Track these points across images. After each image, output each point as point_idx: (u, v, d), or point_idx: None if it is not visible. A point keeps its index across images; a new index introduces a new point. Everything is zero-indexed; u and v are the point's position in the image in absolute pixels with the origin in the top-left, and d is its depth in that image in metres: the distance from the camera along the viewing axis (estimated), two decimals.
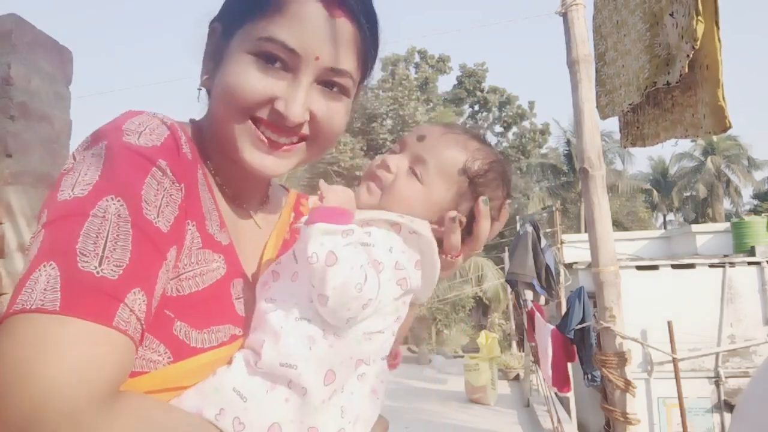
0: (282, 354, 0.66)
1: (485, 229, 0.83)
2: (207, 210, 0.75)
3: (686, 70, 2.05)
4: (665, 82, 2.22)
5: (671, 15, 2.15)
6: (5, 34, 2.34)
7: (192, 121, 0.85)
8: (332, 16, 0.73)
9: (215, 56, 0.80)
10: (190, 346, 0.66)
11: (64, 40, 2.63)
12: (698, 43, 1.95)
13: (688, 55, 2.01)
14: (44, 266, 0.55)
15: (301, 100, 0.73)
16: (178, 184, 0.67)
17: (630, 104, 2.61)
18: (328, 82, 0.76)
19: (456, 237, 0.80)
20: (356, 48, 0.77)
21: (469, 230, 0.83)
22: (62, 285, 0.54)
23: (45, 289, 0.53)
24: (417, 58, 26.86)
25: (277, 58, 0.73)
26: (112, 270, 0.57)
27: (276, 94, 0.73)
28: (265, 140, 0.75)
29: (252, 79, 0.73)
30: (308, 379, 0.66)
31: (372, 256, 0.70)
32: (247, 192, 0.86)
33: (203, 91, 0.84)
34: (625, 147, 2.95)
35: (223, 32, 0.79)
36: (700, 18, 1.94)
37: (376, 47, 0.83)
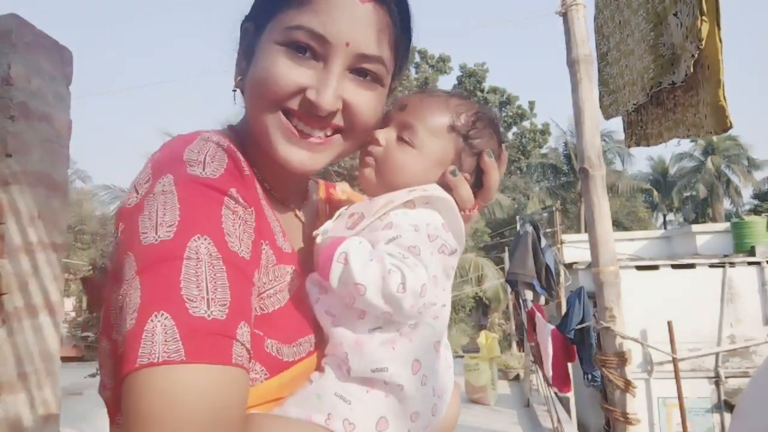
0: (369, 361, 0.68)
1: (495, 179, 0.82)
2: (272, 224, 0.75)
3: (691, 69, 2.05)
4: (670, 81, 2.22)
5: (675, 15, 2.15)
6: (5, 34, 2.34)
7: (230, 127, 0.84)
8: (362, 1, 0.72)
9: (248, 55, 0.78)
10: (283, 361, 0.69)
11: (64, 40, 2.63)
12: (703, 43, 1.95)
13: (693, 55, 2.01)
14: (156, 316, 0.55)
15: (332, 87, 0.71)
16: (249, 209, 0.67)
17: (635, 104, 2.61)
18: (361, 69, 0.74)
19: (465, 189, 0.79)
20: (388, 35, 0.75)
21: (477, 183, 0.82)
22: (181, 334, 0.55)
23: (165, 341, 0.54)
24: (417, 58, 26.88)
25: (306, 47, 0.71)
26: (219, 311, 0.58)
27: (307, 83, 0.71)
28: (296, 133, 0.73)
29: (282, 69, 0.71)
30: (400, 376, 0.68)
31: (404, 245, 0.70)
32: (292, 191, 0.85)
33: (238, 93, 0.83)
34: (629, 147, 2.95)
35: (255, 30, 0.78)
36: (704, 18, 1.95)
37: (408, 35, 0.80)
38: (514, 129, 27.75)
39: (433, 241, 0.74)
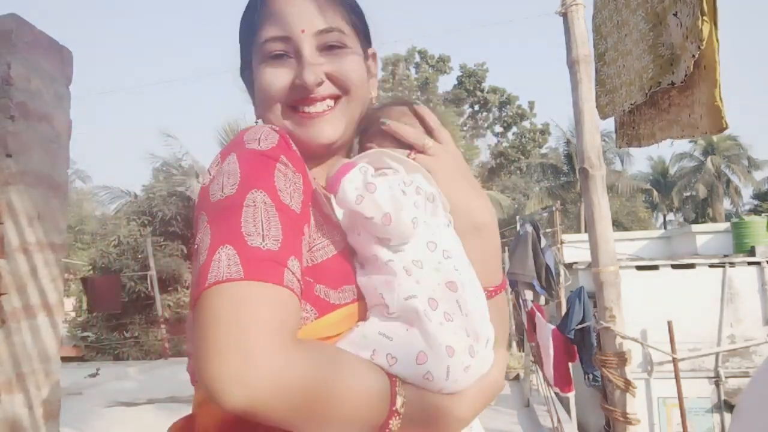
0: (401, 290, 0.77)
1: (406, 132, 0.92)
2: (319, 195, 0.86)
3: (691, 70, 2.05)
4: (669, 82, 2.22)
5: (675, 15, 2.14)
6: (5, 34, 2.34)
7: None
8: None
9: (254, 93, 0.94)
10: (331, 303, 0.79)
11: (64, 40, 2.63)
12: (704, 43, 1.95)
13: (693, 55, 2.01)
14: (221, 249, 0.68)
15: (309, 65, 0.85)
16: (297, 174, 0.79)
17: (632, 104, 2.60)
18: (325, 44, 0.88)
19: (407, 130, 0.91)
20: (332, 7, 0.88)
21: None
22: (241, 259, 0.67)
23: (229, 265, 0.66)
24: (417, 58, 26.83)
25: (280, 51, 0.87)
26: (273, 243, 0.69)
27: (292, 77, 0.87)
28: (307, 114, 0.88)
29: (272, 76, 0.87)
30: (423, 304, 0.76)
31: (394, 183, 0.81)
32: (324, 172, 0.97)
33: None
34: (620, 147, 2.94)
35: (249, 69, 0.93)
36: (705, 18, 1.94)
37: (355, 6, 0.94)
38: (514, 129, 27.72)
39: (419, 194, 0.82)
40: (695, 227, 11.73)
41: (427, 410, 0.75)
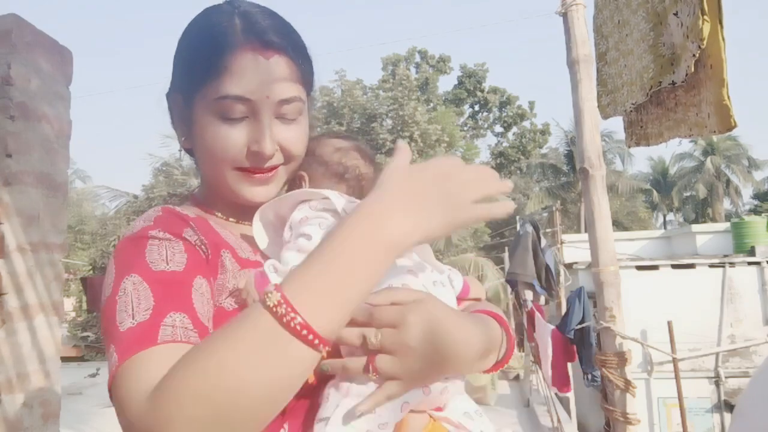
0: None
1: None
2: (234, 243, 0.90)
3: (692, 69, 2.05)
4: (670, 81, 2.22)
5: (675, 14, 2.14)
6: (5, 34, 2.34)
7: (192, 194, 1.03)
8: (266, 58, 0.85)
9: (185, 121, 0.93)
10: None
11: (64, 40, 2.63)
12: (704, 42, 1.94)
13: (694, 55, 2.01)
14: (109, 350, 0.71)
15: (268, 136, 0.86)
16: (176, 239, 0.81)
17: (633, 104, 2.60)
18: (283, 113, 0.88)
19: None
20: (295, 75, 0.89)
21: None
22: (116, 348, 0.70)
23: (112, 361, 0.70)
24: (417, 58, 26.84)
25: (237, 111, 0.85)
26: (143, 315, 0.71)
27: (248, 140, 0.87)
28: (251, 177, 0.90)
29: (225, 137, 0.86)
30: None
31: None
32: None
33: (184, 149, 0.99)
34: (629, 147, 2.94)
35: (184, 101, 0.92)
36: (706, 17, 1.94)
37: (310, 66, 0.95)
38: (514, 129, 27.72)
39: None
40: (695, 227, 11.72)
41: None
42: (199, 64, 0.86)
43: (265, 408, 0.63)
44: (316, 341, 0.63)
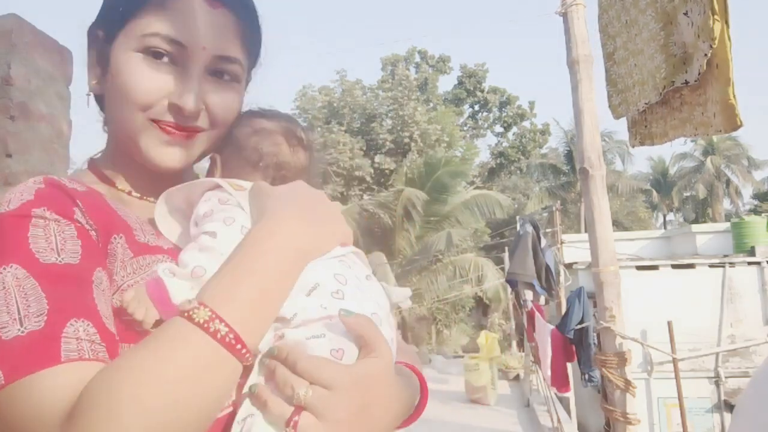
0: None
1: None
2: (134, 223, 0.77)
3: (704, 68, 2.05)
4: (683, 81, 2.22)
5: (685, 14, 2.15)
6: (5, 34, 2.34)
7: (91, 159, 0.89)
8: (212, 7, 0.76)
9: (101, 61, 0.81)
10: None
11: (64, 40, 2.63)
12: (716, 42, 1.95)
13: (705, 54, 2.01)
14: None
15: (194, 91, 0.76)
16: (65, 220, 0.68)
17: (647, 103, 2.60)
18: (218, 70, 0.79)
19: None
20: (239, 36, 0.80)
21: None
22: (0, 360, 0.57)
23: None
24: (417, 58, 26.83)
25: (164, 53, 0.75)
26: (35, 322, 0.59)
27: (169, 89, 0.76)
28: (166, 134, 0.78)
29: (145, 78, 0.75)
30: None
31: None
32: (164, 189, 0.85)
33: (92, 97, 0.86)
34: (633, 146, 2.94)
35: (106, 36, 0.80)
36: (716, 17, 1.95)
37: (258, 35, 0.86)
38: (514, 129, 27.72)
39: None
40: (695, 227, 11.73)
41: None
42: None
43: (201, 426, 0.60)
44: (247, 355, 0.62)
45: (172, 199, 0.80)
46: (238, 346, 0.61)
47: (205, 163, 0.89)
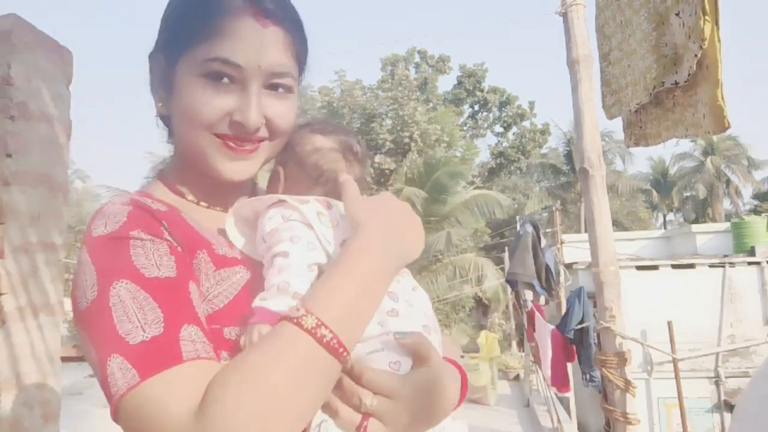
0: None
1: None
2: (211, 237, 0.86)
3: (694, 69, 2.05)
4: (673, 81, 2.22)
5: (677, 15, 2.15)
6: (5, 34, 2.34)
7: (159, 173, 0.96)
8: (263, 26, 0.82)
9: (165, 85, 0.88)
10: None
11: (64, 40, 2.63)
12: (706, 42, 1.95)
13: (696, 55, 2.02)
14: (110, 361, 0.68)
15: (254, 107, 0.82)
16: (158, 239, 0.77)
17: (638, 104, 2.61)
18: (273, 84, 0.85)
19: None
20: (289, 49, 0.86)
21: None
22: (131, 363, 0.67)
23: (123, 374, 0.67)
24: (417, 58, 26.82)
25: (224, 75, 0.81)
26: (155, 328, 0.69)
27: (231, 107, 0.82)
28: (231, 149, 0.85)
29: (207, 99, 0.81)
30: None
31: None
32: (233, 200, 0.95)
33: (159, 119, 0.95)
34: (628, 147, 2.95)
35: (167, 62, 0.86)
36: (707, 18, 1.95)
37: (305, 44, 0.92)
38: (514, 129, 27.71)
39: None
40: (695, 227, 11.74)
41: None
42: (191, 23, 0.82)
43: (305, 421, 0.70)
44: (347, 355, 0.71)
45: (240, 211, 0.89)
46: (341, 350, 0.70)
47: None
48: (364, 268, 0.76)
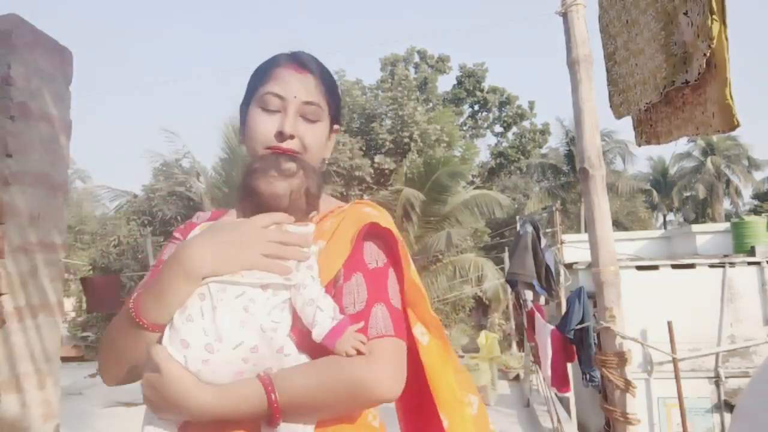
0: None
1: None
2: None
3: (704, 68, 2.06)
4: (684, 80, 2.23)
5: (685, 14, 2.15)
6: (5, 34, 2.34)
7: None
8: (299, 73, 1.19)
9: (244, 121, 1.22)
10: None
11: (64, 40, 2.63)
12: (714, 42, 1.96)
13: (705, 54, 2.02)
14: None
15: (290, 121, 1.15)
16: None
17: (648, 103, 2.61)
18: (305, 112, 1.17)
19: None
20: (318, 90, 1.20)
21: None
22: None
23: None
24: (417, 58, 26.81)
25: (272, 103, 1.16)
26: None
27: (276, 126, 1.16)
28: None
29: (261, 123, 1.17)
30: (178, 313, 1.04)
31: None
32: None
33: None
34: (639, 145, 2.94)
35: (246, 106, 1.23)
36: (714, 17, 1.95)
37: (334, 91, 1.25)
38: (514, 129, 27.69)
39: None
40: (695, 227, 11.72)
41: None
42: (260, 75, 1.21)
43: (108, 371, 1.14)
44: (145, 325, 1.01)
45: None
46: (141, 322, 1.01)
47: None
48: (165, 271, 1.03)
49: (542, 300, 7.77)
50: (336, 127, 1.28)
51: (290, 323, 1.02)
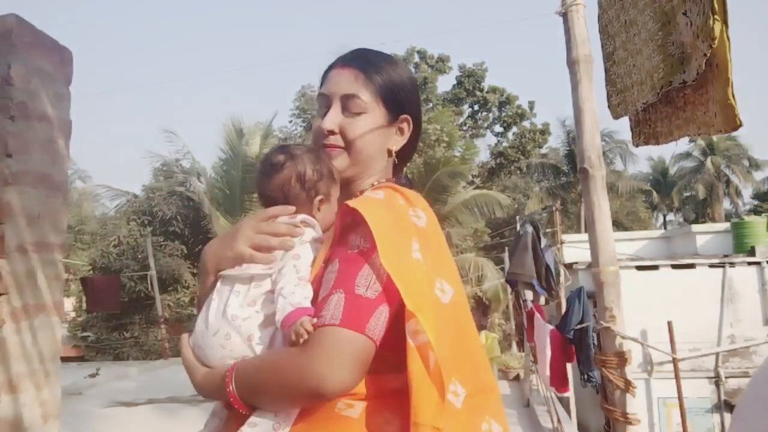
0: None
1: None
2: None
3: (703, 68, 2.05)
4: (681, 81, 2.22)
5: (684, 14, 2.14)
6: (5, 34, 2.34)
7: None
8: (343, 69, 1.23)
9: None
10: None
11: (64, 40, 2.63)
12: (716, 42, 1.95)
13: (705, 54, 2.01)
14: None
15: (330, 118, 1.20)
16: None
17: (644, 103, 2.60)
18: (347, 105, 1.20)
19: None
20: (361, 83, 1.21)
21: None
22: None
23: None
24: (416, 58, 26.80)
25: (322, 104, 1.24)
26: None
27: (321, 125, 1.22)
28: (326, 150, 1.22)
29: (316, 122, 1.25)
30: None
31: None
32: None
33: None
34: (637, 146, 2.93)
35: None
36: (716, 17, 1.95)
37: (388, 84, 1.24)
38: (514, 129, 27.67)
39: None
40: (695, 227, 11.73)
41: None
42: (321, 80, 1.28)
43: None
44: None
45: None
46: None
47: None
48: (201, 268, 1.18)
49: (542, 300, 7.77)
50: (403, 116, 1.25)
51: (267, 313, 1.05)
